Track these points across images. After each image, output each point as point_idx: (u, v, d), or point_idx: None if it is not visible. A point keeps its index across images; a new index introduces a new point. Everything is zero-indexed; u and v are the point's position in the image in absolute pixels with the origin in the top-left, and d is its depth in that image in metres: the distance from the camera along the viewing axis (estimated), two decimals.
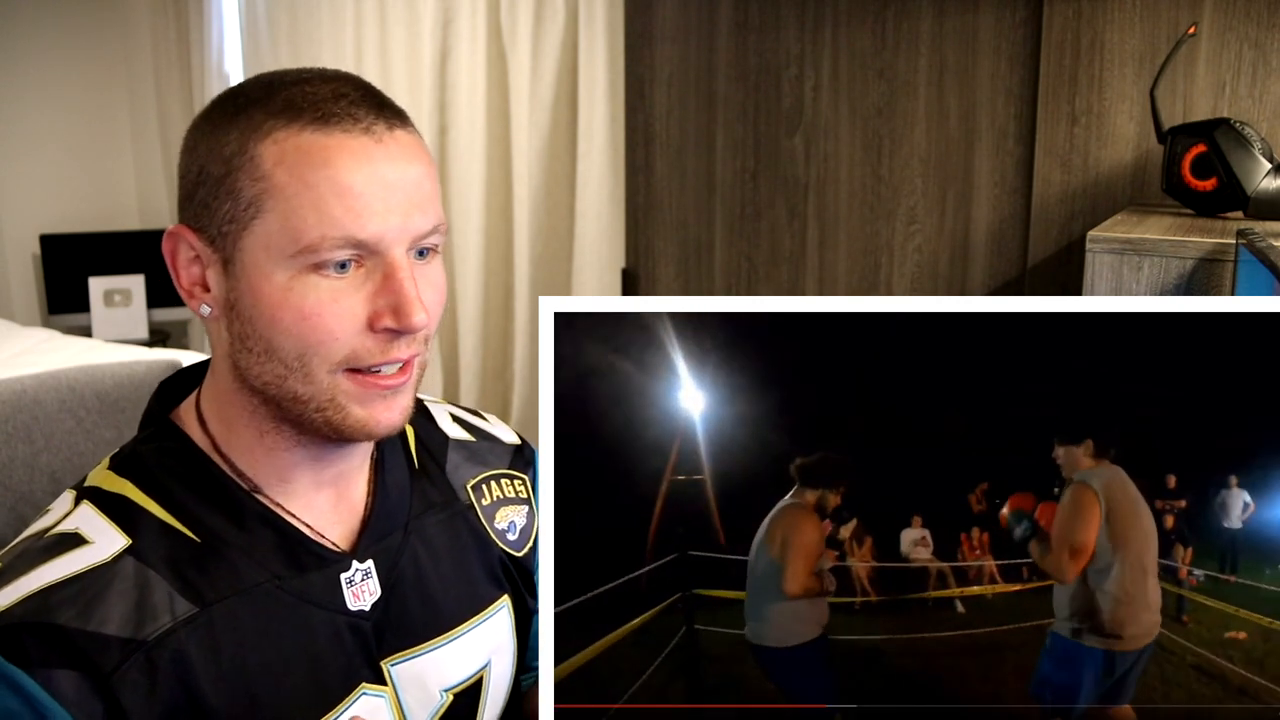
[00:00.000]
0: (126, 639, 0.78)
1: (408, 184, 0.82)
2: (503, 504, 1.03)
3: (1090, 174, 2.50)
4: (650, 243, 3.11)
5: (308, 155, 0.79)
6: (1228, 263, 1.80)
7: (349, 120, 0.80)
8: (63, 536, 0.82)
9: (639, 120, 3.05)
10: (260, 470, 0.87)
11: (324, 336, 0.80)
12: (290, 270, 0.80)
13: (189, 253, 0.84)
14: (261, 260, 0.80)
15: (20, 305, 4.14)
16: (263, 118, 0.80)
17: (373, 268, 0.81)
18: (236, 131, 0.81)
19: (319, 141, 0.79)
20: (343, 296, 0.81)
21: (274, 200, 0.79)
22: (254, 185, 0.80)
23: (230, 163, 0.80)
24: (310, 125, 0.80)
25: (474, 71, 3.28)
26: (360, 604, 0.89)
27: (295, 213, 0.79)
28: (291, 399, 0.83)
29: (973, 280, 2.71)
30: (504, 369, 3.47)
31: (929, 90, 2.69)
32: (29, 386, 1.31)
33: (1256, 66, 2.30)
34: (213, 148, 0.82)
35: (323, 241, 0.79)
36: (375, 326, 0.81)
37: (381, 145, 0.81)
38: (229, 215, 0.81)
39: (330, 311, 0.80)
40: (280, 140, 0.80)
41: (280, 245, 0.79)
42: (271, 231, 0.79)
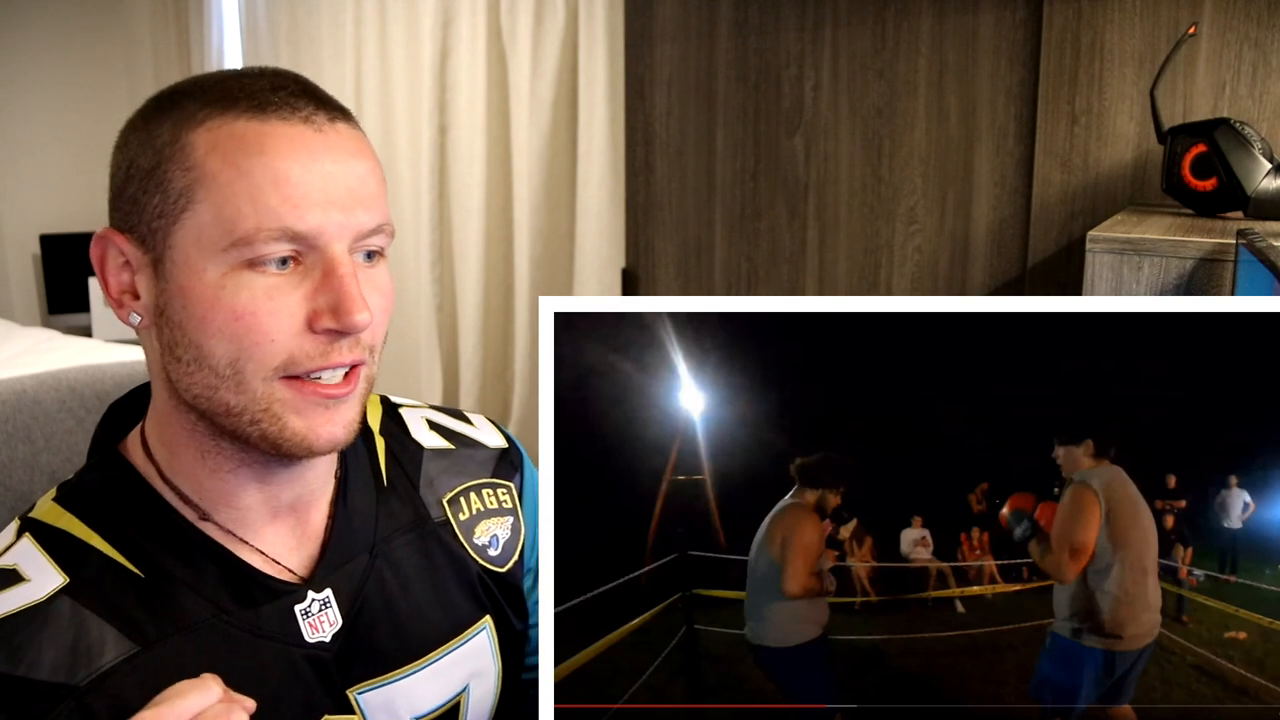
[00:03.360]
0: (58, 684, 0.74)
1: (350, 178, 0.77)
2: (483, 517, 0.97)
3: (1090, 174, 2.50)
4: (650, 243, 3.11)
5: (242, 142, 0.75)
6: (1228, 263, 1.80)
7: (287, 109, 0.76)
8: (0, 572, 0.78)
9: (639, 120, 3.05)
10: (206, 495, 0.82)
11: (259, 338, 0.75)
12: (223, 266, 0.75)
13: (118, 258, 0.79)
14: (193, 256, 0.75)
15: (20, 305, 4.14)
16: (196, 107, 0.76)
17: (312, 265, 0.77)
18: (169, 123, 0.76)
19: (254, 128, 0.75)
20: (279, 294, 0.75)
21: (206, 190, 0.74)
22: (185, 175, 0.75)
23: (161, 153, 0.76)
24: (246, 113, 0.75)
25: (474, 71, 3.28)
26: (319, 635, 0.84)
27: (229, 202, 0.74)
28: (224, 411, 0.77)
29: (973, 280, 2.71)
30: (504, 369, 3.47)
31: (929, 90, 2.69)
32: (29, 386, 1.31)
33: (1256, 66, 2.30)
34: (144, 141, 0.77)
35: (258, 233, 0.74)
36: (315, 327, 0.76)
37: (322, 135, 0.77)
38: (158, 209, 0.76)
39: (265, 310, 0.75)
40: (214, 128, 0.75)
41: (213, 238, 0.74)
42: (203, 224, 0.74)
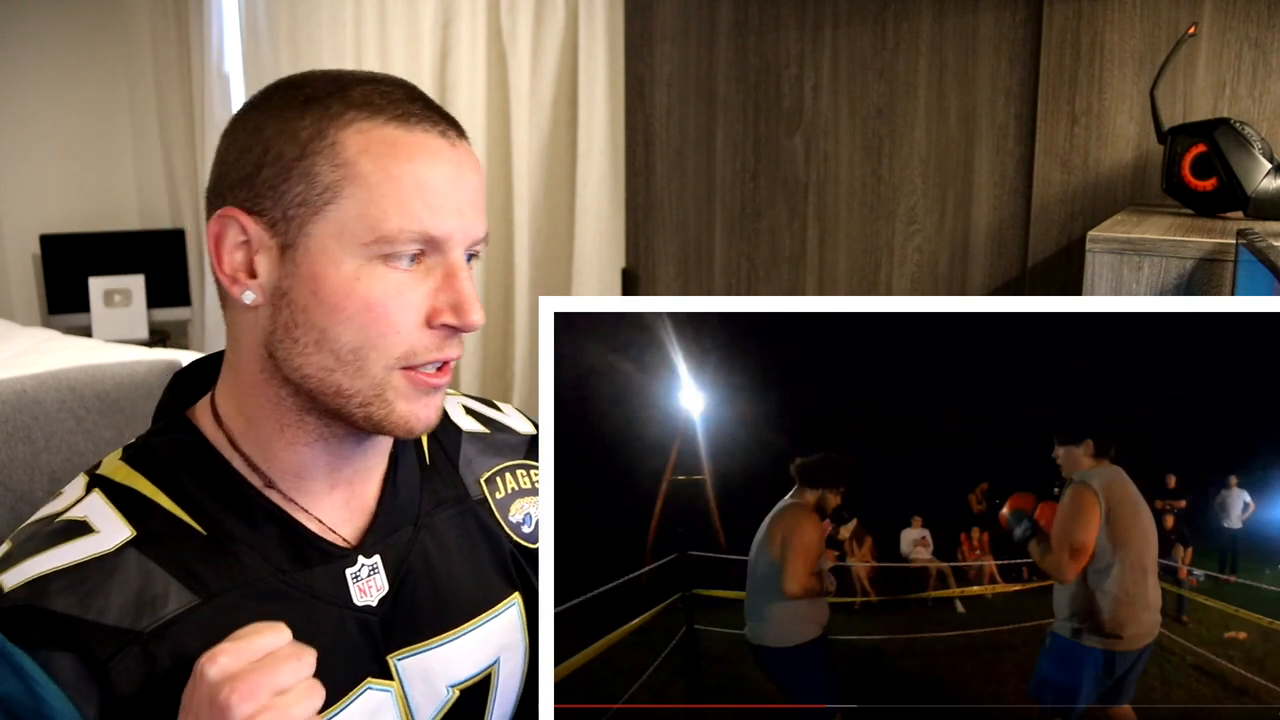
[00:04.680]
0: (124, 629, 0.79)
1: (471, 189, 0.85)
2: (517, 496, 1.02)
3: (1090, 174, 2.50)
4: (650, 243, 3.11)
5: (393, 148, 0.81)
6: (1228, 263, 1.80)
7: (428, 122, 0.83)
8: (70, 524, 0.83)
9: (639, 120, 3.05)
10: (276, 465, 0.87)
11: (386, 329, 0.81)
12: (360, 259, 0.80)
13: (238, 237, 0.83)
14: (331, 246, 0.80)
15: (20, 305, 4.14)
16: (341, 108, 0.81)
17: (433, 265, 0.83)
18: (311, 117, 0.81)
19: (403, 137, 0.81)
20: (406, 290, 0.82)
21: (354, 187, 0.80)
22: (334, 170, 0.80)
23: (306, 146, 0.80)
24: (393, 121, 0.82)
25: (474, 71, 3.28)
26: (367, 599, 0.89)
27: (375, 202, 0.80)
28: (334, 392, 0.83)
29: (973, 280, 2.71)
30: (504, 369, 3.47)
31: (929, 90, 2.69)
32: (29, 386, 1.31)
33: (1256, 66, 2.30)
34: (283, 130, 0.81)
35: (400, 233, 0.80)
36: (433, 323, 0.83)
37: (454, 150, 0.84)
38: (299, 198, 0.80)
39: (395, 304, 0.81)
40: (364, 130, 0.81)
41: (355, 232, 0.80)
42: (347, 218, 0.80)
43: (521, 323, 3.36)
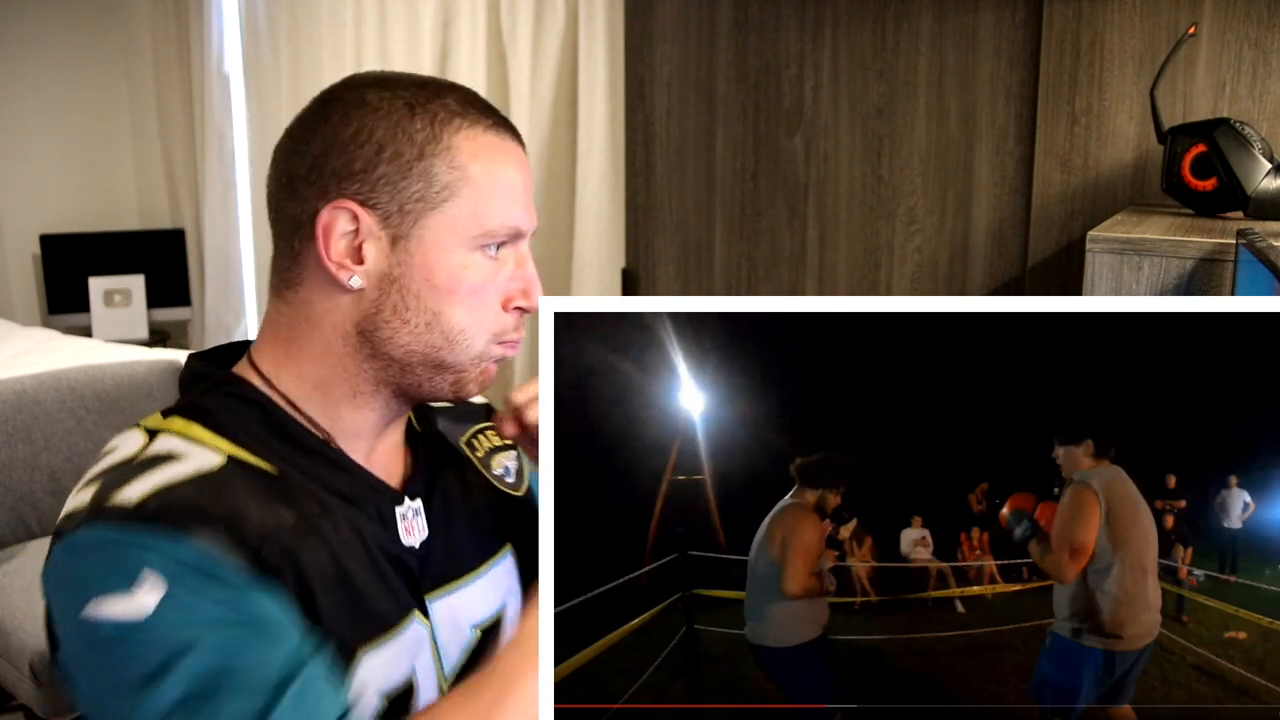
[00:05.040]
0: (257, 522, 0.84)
1: (532, 187, 0.96)
2: (495, 452, 1.12)
3: (1090, 174, 2.50)
4: (650, 243, 3.11)
5: (496, 153, 0.91)
6: (1228, 263, 1.80)
7: (508, 130, 0.94)
8: (156, 457, 0.86)
9: (639, 120, 3.05)
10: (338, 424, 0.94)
11: (485, 311, 0.92)
12: (468, 248, 0.90)
13: (347, 226, 0.89)
14: (445, 238, 0.89)
15: (20, 305, 4.14)
16: (447, 114, 0.90)
17: (507, 255, 0.93)
18: (423, 121, 0.89)
19: (501, 144, 0.92)
20: (495, 276, 0.92)
21: (469, 189, 0.90)
22: (451, 172, 0.89)
23: (424, 148, 0.89)
24: (491, 129, 0.92)
25: (474, 71, 3.28)
26: (411, 539, 0.95)
27: (484, 202, 0.90)
28: (434, 365, 0.92)
29: (973, 280, 2.71)
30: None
31: (929, 90, 2.69)
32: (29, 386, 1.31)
33: (1256, 66, 2.31)
34: (395, 130, 0.88)
35: (501, 228, 0.91)
36: (508, 305, 0.93)
37: (523, 152, 0.95)
38: (418, 195, 0.89)
39: (490, 289, 0.92)
40: (472, 137, 0.90)
41: (467, 228, 0.90)
42: (461, 215, 0.89)
43: None
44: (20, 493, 2.04)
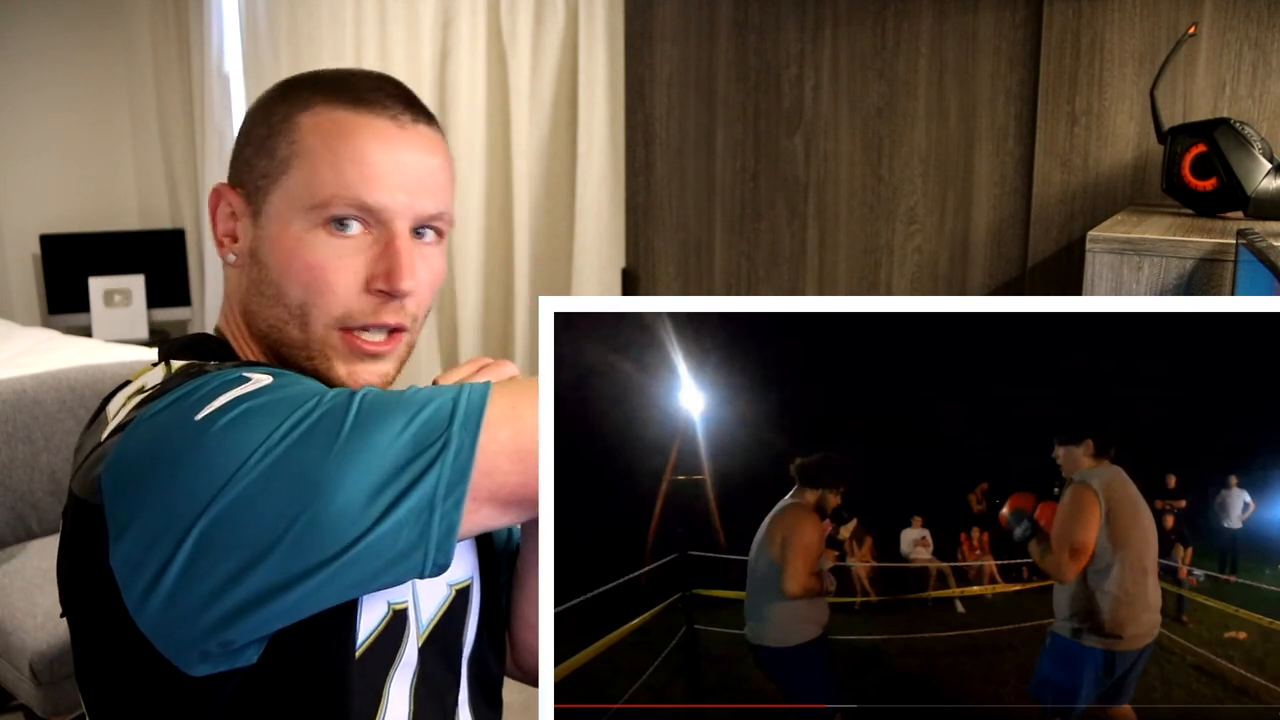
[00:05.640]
0: None
1: (421, 170, 0.93)
2: None
3: (1090, 174, 2.50)
4: (650, 243, 3.11)
5: (339, 126, 0.92)
6: (1228, 263, 1.80)
7: (379, 106, 0.93)
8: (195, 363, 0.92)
9: (639, 120, 3.05)
10: None
11: (324, 288, 0.91)
12: (305, 223, 0.91)
13: (227, 208, 0.96)
14: (284, 210, 0.92)
15: (20, 305, 4.14)
16: (308, 95, 0.94)
17: (377, 237, 0.92)
18: (285, 104, 0.94)
19: (350, 118, 0.92)
20: (346, 256, 0.91)
21: (302, 160, 0.91)
22: (289, 147, 0.92)
23: (274, 127, 0.93)
24: (345, 105, 0.92)
25: (474, 71, 3.28)
26: None
27: (316, 171, 0.91)
28: (290, 344, 0.94)
29: (973, 280, 2.71)
30: None
31: (929, 90, 2.69)
32: (29, 386, 1.31)
33: (1256, 66, 2.30)
34: (263, 116, 0.95)
35: (335, 200, 0.90)
36: (370, 287, 0.91)
37: (404, 132, 0.93)
38: (264, 171, 0.93)
39: (333, 266, 0.91)
40: (319, 113, 0.92)
41: (300, 198, 0.91)
42: (295, 186, 0.91)
43: (521, 323, 3.36)
44: (20, 493, 2.04)
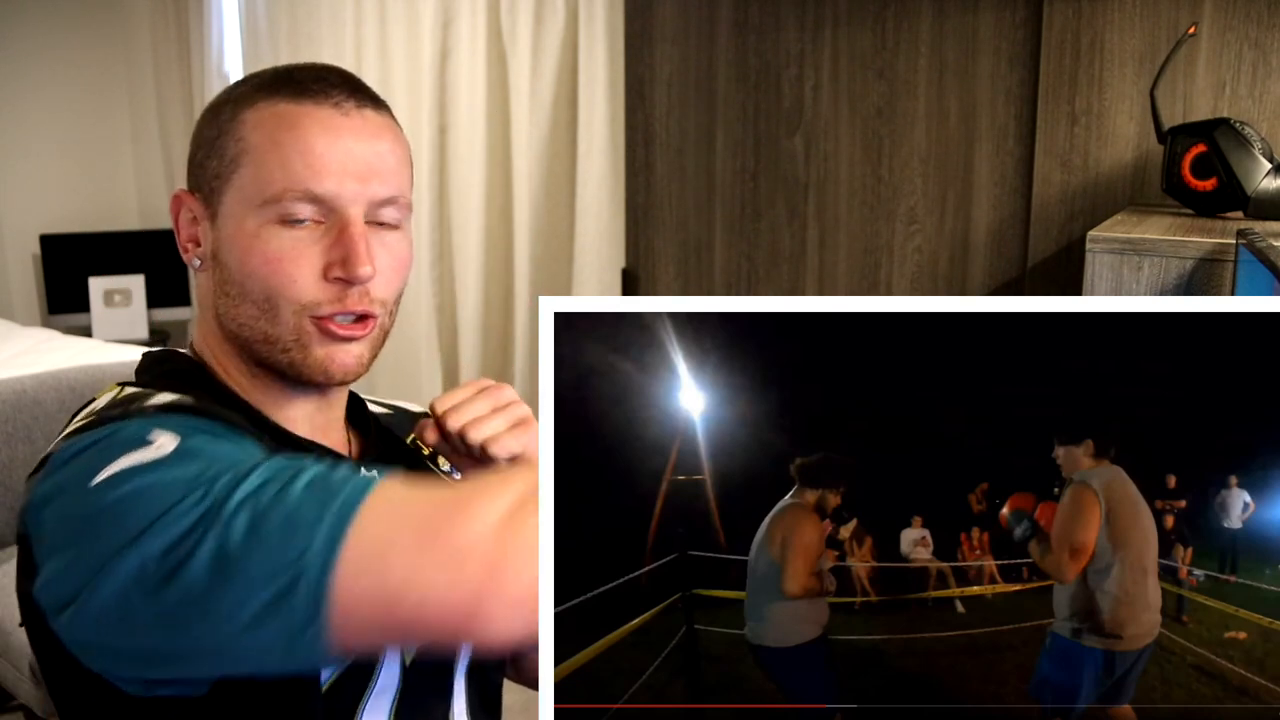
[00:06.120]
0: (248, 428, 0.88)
1: (369, 154, 0.92)
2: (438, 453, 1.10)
3: (1090, 174, 2.50)
4: (650, 243, 3.11)
5: (281, 119, 0.91)
6: (1228, 263, 1.80)
7: (321, 95, 0.92)
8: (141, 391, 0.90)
9: (639, 120, 3.05)
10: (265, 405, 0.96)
11: (284, 280, 0.91)
12: (259, 219, 0.91)
13: (188, 213, 0.96)
14: (237, 209, 0.92)
15: (20, 305, 4.14)
16: (251, 92, 0.94)
17: (331, 226, 0.91)
18: (232, 104, 0.94)
19: (291, 109, 0.91)
20: (301, 246, 0.91)
21: (249, 156, 0.91)
22: (235, 145, 0.92)
23: (222, 127, 0.93)
24: (288, 97, 0.92)
25: (474, 71, 3.28)
26: None
27: (264, 167, 0.90)
28: (262, 339, 0.93)
29: (973, 280, 2.71)
30: (504, 369, 3.47)
31: (929, 90, 2.69)
32: (29, 386, 1.31)
33: (1256, 66, 2.30)
34: (212, 118, 0.95)
35: (285, 193, 0.90)
36: (328, 276, 0.91)
37: (348, 119, 0.92)
38: (215, 171, 0.93)
39: (289, 257, 0.90)
40: (261, 108, 0.92)
41: (251, 195, 0.91)
42: (245, 184, 0.91)
43: (521, 323, 3.36)
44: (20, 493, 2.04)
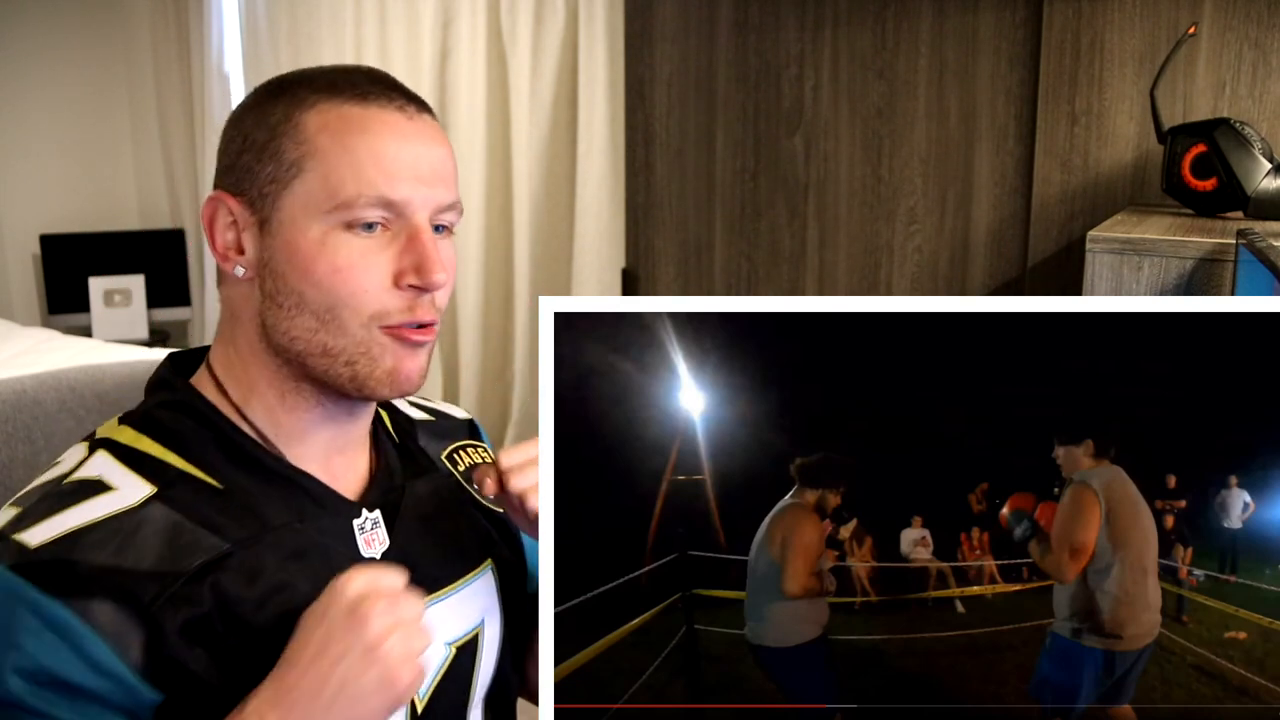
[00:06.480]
0: (163, 573, 0.82)
1: (434, 159, 0.90)
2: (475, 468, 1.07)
3: (1090, 174, 2.50)
4: (650, 243, 3.11)
5: (348, 123, 0.88)
6: (1228, 263, 1.80)
7: (384, 99, 0.89)
8: (84, 483, 0.85)
9: (639, 120, 3.05)
10: (281, 432, 0.92)
11: (354, 289, 0.87)
12: (325, 226, 0.87)
13: (227, 218, 0.90)
14: (299, 216, 0.87)
15: (20, 305, 4.14)
16: (306, 93, 0.89)
17: (398, 231, 0.88)
18: (282, 105, 0.89)
19: (358, 113, 0.88)
20: (370, 254, 0.87)
21: (315, 161, 0.87)
22: (297, 148, 0.87)
23: (275, 129, 0.88)
24: (351, 99, 0.88)
25: (474, 71, 3.28)
26: (372, 551, 0.93)
27: (334, 172, 0.86)
28: (321, 352, 0.88)
29: (973, 280, 2.71)
30: (504, 369, 3.47)
31: (929, 90, 2.69)
32: (29, 386, 1.31)
33: (1256, 66, 2.30)
34: (258, 119, 0.89)
35: (357, 199, 0.86)
36: (400, 284, 0.88)
37: (412, 123, 0.90)
38: (271, 176, 0.88)
39: (360, 266, 0.87)
40: (323, 110, 0.88)
41: (318, 201, 0.87)
42: (311, 189, 0.87)
43: (521, 323, 3.36)
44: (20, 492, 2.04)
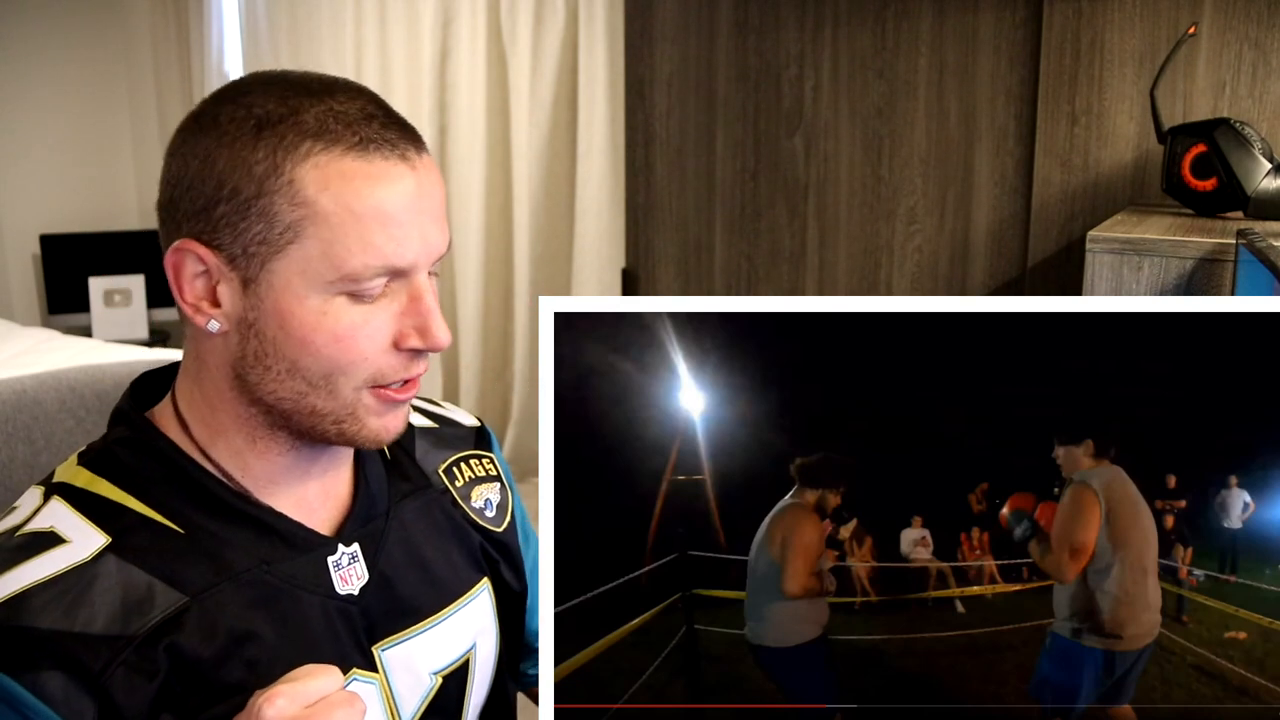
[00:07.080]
0: (114, 636, 0.77)
1: (434, 206, 0.84)
2: (476, 483, 1.04)
3: (1090, 174, 2.50)
4: (650, 243, 3.11)
5: (350, 182, 0.79)
6: (1228, 263, 1.80)
7: (386, 146, 0.81)
8: (36, 536, 0.81)
9: (639, 120, 3.05)
10: (249, 472, 0.87)
11: (355, 357, 0.82)
12: (325, 295, 0.80)
13: (196, 267, 0.82)
14: (295, 283, 0.80)
15: (20, 305, 4.14)
16: (296, 138, 0.79)
17: (397, 289, 0.83)
18: (265, 150, 0.79)
19: (361, 169, 0.80)
20: (372, 319, 0.82)
21: (316, 227, 0.79)
22: (294, 210, 0.79)
23: (263, 184, 0.78)
24: (351, 151, 0.79)
25: (474, 71, 3.28)
26: (349, 587, 0.89)
27: (339, 241, 0.79)
28: (309, 412, 0.84)
29: (973, 280, 2.71)
30: (504, 369, 3.47)
31: (929, 90, 2.69)
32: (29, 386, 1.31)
33: (1256, 66, 2.30)
34: (236, 164, 0.79)
35: (365, 270, 0.80)
36: (401, 346, 0.83)
37: (415, 172, 0.82)
38: (260, 237, 0.79)
39: (362, 334, 0.81)
40: (321, 165, 0.79)
41: (319, 271, 0.79)
42: (311, 257, 0.79)
43: (521, 323, 3.36)
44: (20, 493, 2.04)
